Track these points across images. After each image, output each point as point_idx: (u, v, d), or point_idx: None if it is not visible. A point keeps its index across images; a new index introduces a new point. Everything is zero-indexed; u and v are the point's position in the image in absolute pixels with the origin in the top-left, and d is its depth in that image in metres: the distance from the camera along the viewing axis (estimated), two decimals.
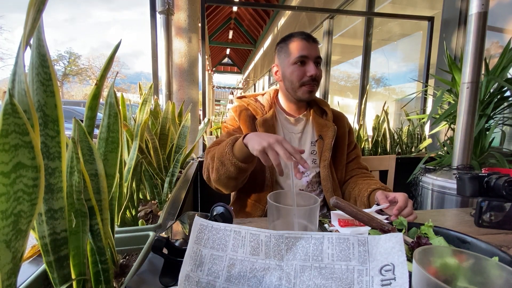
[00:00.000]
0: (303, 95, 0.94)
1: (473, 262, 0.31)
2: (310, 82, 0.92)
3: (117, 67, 32.45)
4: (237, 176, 0.80)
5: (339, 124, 1.03)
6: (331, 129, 0.98)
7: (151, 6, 1.82)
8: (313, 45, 0.92)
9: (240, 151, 0.75)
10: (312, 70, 0.90)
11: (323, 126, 0.99)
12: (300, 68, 0.91)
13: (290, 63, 0.92)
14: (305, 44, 0.91)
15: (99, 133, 0.46)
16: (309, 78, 0.91)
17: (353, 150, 1.06)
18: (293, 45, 0.92)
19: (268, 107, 0.99)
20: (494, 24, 2.10)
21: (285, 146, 0.62)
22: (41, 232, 0.34)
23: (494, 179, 0.68)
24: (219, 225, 0.40)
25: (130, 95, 25.25)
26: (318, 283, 0.35)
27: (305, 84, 0.92)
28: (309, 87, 0.93)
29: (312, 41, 0.93)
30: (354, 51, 5.12)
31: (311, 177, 0.98)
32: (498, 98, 1.45)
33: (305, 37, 0.92)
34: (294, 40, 0.93)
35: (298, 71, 0.91)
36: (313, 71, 0.90)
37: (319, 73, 0.93)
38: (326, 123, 1.00)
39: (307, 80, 0.92)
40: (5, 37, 23.66)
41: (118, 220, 0.68)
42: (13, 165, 0.25)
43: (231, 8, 9.80)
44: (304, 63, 0.92)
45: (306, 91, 0.93)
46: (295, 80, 0.93)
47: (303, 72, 0.91)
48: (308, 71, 0.91)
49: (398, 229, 0.54)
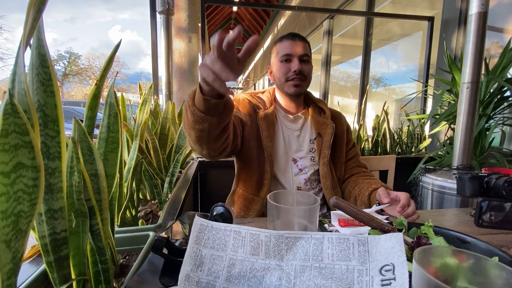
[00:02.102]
0: (289, 90, 0.98)
1: (473, 262, 0.31)
2: (295, 77, 0.96)
3: (117, 67, 32.44)
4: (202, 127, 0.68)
5: (337, 122, 1.05)
6: (330, 127, 1.01)
7: (151, 6, 1.83)
8: (297, 43, 0.97)
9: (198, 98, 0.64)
10: (295, 66, 0.95)
11: (322, 124, 1.02)
12: (285, 65, 0.97)
13: (278, 61, 0.99)
14: (290, 43, 0.97)
15: (99, 133, 0.46)
16: (293, 73, 0.96)
17: (352, 149, 1.08)
18: (280, 45, 0.99)
19: (269, 104, 1.03)
20: (494, 24, 2.10)
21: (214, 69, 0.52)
22: (41, 232, 0.34)
23: (494, 179, 0.68)
24: (219, 225, 0.40)
25: (130, 95, 25.24)
26: (318, 283, 0.35)
27: (289, 79, 0.97)
28: (294, 82, 0.97)
29: (297, 39, 0.98)
30: (354, 51, 5.12)
31: (309, 174, 0.99)
32: (498, 98, 1.45)
33: (291, 37, 0.98)
34: (282, 41, 0.99)
35: (283, 68, 0.97)
36: (296, 66, 0.95)
37: (305, 68, 0.97)
38: (324, 121, 1.02)
39: (292, 75, 0.96)
40: (5, 37, 23.62)
41: (118, 220, 0.68)
42: (13, 165, 0.25)
43: (231, 8, 9.80)
44: (289, 61, 0.97)
45: (291, 85, 0.98)
46: (281, 76, 0.98)
47: (288, 68, 0.97)
48: (292, 67, 0.96)
49: (398, 229, 0.54)
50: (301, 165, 0.99)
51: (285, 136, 1.00)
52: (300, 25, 6.27)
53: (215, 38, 0.50)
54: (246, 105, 1.01)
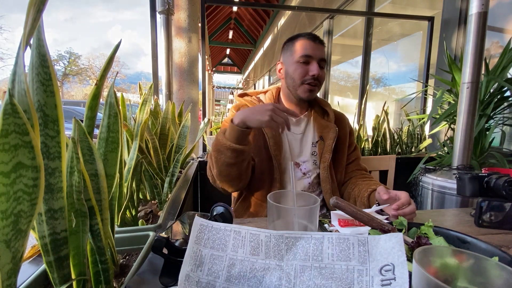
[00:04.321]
0: (302, 94, 0.94)
1: (473, 262, 0.31)
2: (311, 81, 0.92)
3: (117, 67, 32.45)
4: (235, 161, 0.80)
5: (341, 125, 1.02)
6: (333, 130, 0.97)
7: (151, 6, 1.82)
8: (319, 46, 0.93)
9: (232, 132, 0.78)
10: (314, 70, 0.90)
11: (324, 127, 0.99)
12: (303, 66, 0.92)
13: (294, 61, 0.93)
14: (311, 44, 0.92)
15: (99, 133, 0.46)
16: (310, 77, 0.91)
17: (353, 152, 1.06)
18: (299, 43, 0.93)
19: None
20: (494, 24, 2.10)
21: (280, 115, 0.74)
22: (41, 232, 0.34)
23: (494, 179, 0.68)
24: (219, 225, 0.40)
25: (130, 95, 25.25)
26: (318, 283, 0.35)
27: (305, 82, 0.93)
28: (309, 86, 0.93)
29: (318, 42, 0.93)
30: (354, 51, 5.12)
31: (313, 178, 0.97)
32: (498, 98, 1.45)
33: (312, 37, 0.93)
34: (301, 39, 0.93)
35: (301, 69, 0.92)
36: (315, 70, 0.90)
37: (322, 74, 0.93)
38: (327, 124, 0.99)
39: (309, 79, 0.92)
40: (5, 37, 23.65)
41: (118, 220, 0.68)
42: (13, 165, 0.25)
43: (231, 8, 9.80)
44: (307, 63, 0.92)
45: (306, 90, 0.93)
46: (296, 78, 0.93)
47: (306, 70, 0.92)
48: (311, 70, 0.91)
49: (398, 229, 0.54)
50: (305, 169, 0.97)
51: (289, 140, 0.98)
52: (300, 25, 6.27)
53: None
54: None
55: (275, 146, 0.93)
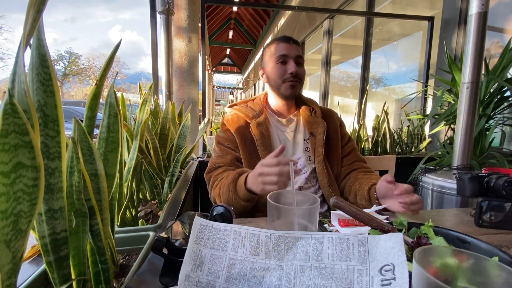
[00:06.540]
0: (285, 91, 0.99)
1: (473, 262, 0.31)
2: (291, 79, 0.97)
3: (117, 67, 32.48)
4: (248, 205, 0.85)
5: (329, 120, 1.07)
6: (321, 125, 1.02)
7: (151, 6, 1.83)
8: (292, 46, 0.98)
9: (245, 195, 0.81)
10: (292, 67, 0.96)
11: (313, 123, 1.03)
12: (281, 66, 0.98)
13: (273, 63, 0.99)
14: (285, 45, 0.98)
15: (99, 133, 0.46)
16: (289, 75, 0.96)
17: (348, 143, 1.09)
18: (274, 47, 1.00)
19: (259, 111, 1.04)
20: (494, 24, 2.10)
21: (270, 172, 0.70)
22: (41, 232, 0.34)
23: (494, 179, 0.67)
24: (219, 225, 0.40)
25: (130, 95, 25.26)
26: (318, 283, 0.35)
27: (286, 81, 0.98)
28: (290, 83, 0.98)
29: (292, 42, 0.99)
30: (354, 51, 5.12)
31: (308, 173, 1.00)
32: (498, 98, 1.45)
33: (286, 39, 0.99)
34: (276, 42, 1.00)
35: (280, 69, 0.98)
36: (293, 68, 0.96)
37: (300, 71, 0.98)
38: (315, 120, 1.04)
39: (288, 77, 0.97)
40: (5, 37, 23.63)
41: (118, 220, 0.68)
42: (13, 165, 0.25)
43: (231, 8, 9.79)
44: (285, 62, 0.98)
45: (287, 87, 0.98)
46: (277, 78, 0.99)
47: (284, 70, 0.97)
48: (289, 68, 0.97)
49: (398, 229, 0.54)
50: (300, 165, 1.01)
51: (281, 140, 1.02)
52: (300, 25, 6.27)
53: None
54: (235, 121, 1.02)
55: (263, 146, 0.96)
